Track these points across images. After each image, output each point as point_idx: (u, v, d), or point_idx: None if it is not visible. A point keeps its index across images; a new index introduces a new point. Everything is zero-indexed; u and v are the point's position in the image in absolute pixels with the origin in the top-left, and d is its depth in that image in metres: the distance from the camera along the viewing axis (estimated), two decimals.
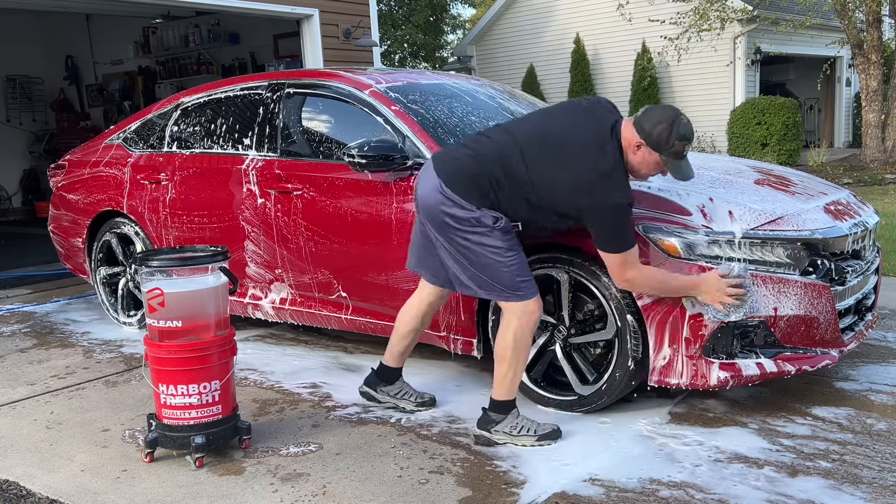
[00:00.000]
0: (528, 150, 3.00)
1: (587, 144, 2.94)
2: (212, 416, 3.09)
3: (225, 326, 3.14)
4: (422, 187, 3.12)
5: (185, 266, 3.05)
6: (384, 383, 3.57)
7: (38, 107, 12.79)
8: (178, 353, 3.04)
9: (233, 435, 3.18)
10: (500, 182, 3.00)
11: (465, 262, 3.07)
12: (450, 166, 3.08)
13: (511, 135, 3.08)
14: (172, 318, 3.03)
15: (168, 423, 3.11)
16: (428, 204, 3.09)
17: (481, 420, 3.19)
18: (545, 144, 2.99)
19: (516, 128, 3.13)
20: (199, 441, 3.05)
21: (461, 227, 3.03)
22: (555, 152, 2.97)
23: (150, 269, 3.03)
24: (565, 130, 3.01)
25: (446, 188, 3.03)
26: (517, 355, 3.09)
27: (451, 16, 28.48)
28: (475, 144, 3.12)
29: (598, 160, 2.91)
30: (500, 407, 3.16)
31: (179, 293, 3.02)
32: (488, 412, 3.18)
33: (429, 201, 3.08)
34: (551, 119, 3.12)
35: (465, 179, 3.03)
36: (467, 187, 3.01)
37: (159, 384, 3.08)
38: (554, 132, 3.03)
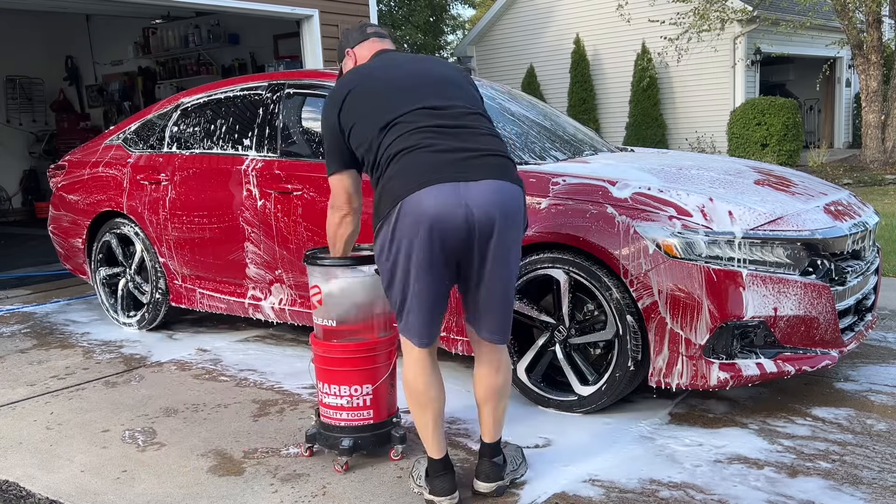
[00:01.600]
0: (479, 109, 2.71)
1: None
2: (361, 420, 3.03)
3: (384, 330, 3.05)
4: (484, 195, 2.46)
5: (333, 266, 2.99)
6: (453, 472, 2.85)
7: (38, 107, 12.79)
8: (331, 353, 3.02)
9: (385, 442, 3.08)
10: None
11: (512, 282, 2.63)
12: (505, 163, 2.56)
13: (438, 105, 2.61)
14: (327, 317, 3.02)
15: (323, 422, 3.09)
16: (507, 210, 2.50)
17: (489, 472, 2.76)
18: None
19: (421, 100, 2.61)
20: (345, 444, 3.00)
21: (519, 231, 2.61)
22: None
23: (311, 266, 3.02)
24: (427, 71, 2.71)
25: (520, 186, 2.58)
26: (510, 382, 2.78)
27: (450, 16, 28.46)
28: (472, 133, 2.59)
29: None
30: (498, 449, 2.80)
31: (334, 293, 2.99)
32: (492, 460, 2.77)
33: (509, 205, 2.50)
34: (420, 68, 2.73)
35: (514, 167, 2.61)
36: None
37: (318, 381, 3.07)
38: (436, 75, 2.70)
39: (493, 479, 2.75)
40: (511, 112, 4.46)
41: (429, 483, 2.71)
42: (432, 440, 2.69)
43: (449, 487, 2.68)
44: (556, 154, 4.10)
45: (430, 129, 2.52)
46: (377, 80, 2.67)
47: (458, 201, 2.42)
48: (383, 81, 2.66)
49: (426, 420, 2.68)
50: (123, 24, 11.41)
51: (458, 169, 2.45)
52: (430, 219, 2.41)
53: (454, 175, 2.44)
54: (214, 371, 4.30)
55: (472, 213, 2.42)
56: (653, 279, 3.16)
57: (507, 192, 2.49)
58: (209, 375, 4.23)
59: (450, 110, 2.59)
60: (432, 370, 2.68)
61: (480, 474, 2.77)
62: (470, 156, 2.49)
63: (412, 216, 2.42)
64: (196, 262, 4.79)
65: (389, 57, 2.79)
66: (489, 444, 2.76)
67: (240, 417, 3.61)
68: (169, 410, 3.74)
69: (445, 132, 2.53)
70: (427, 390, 2.66)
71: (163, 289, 5.01)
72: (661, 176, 3.57)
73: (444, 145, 2.49)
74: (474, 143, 2.53)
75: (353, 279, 2.99)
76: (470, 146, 2.52)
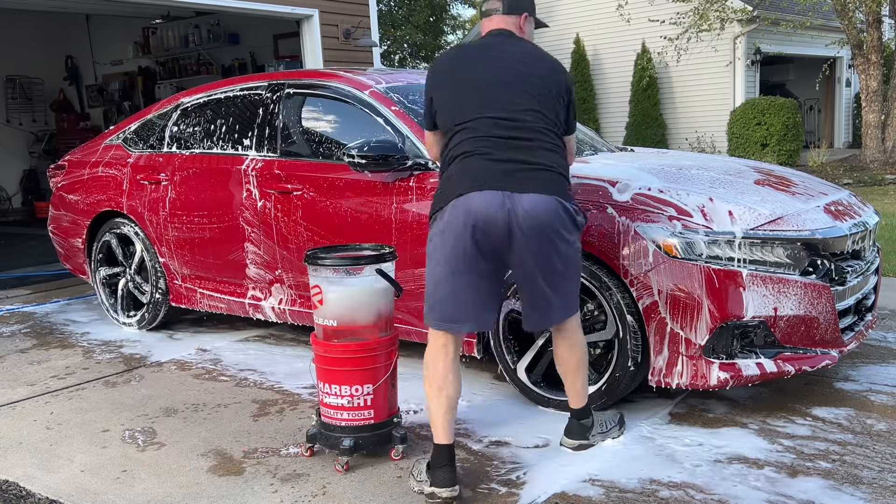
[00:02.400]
0: (542, 109, 2.84)
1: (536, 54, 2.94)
2: (362, 420, 3.03)
3: (384, 330, 3.07)
4: (527, 208, 2.68)
5: (334, 266, 2.99)
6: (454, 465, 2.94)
7: (38, 107, 12.79)
8: (331, 353, 3.02)
9: (386, 442, 3.08)
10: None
11: (570, 276, 2.85)
12: (549, 177, 2.76)
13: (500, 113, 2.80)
14: (328, 317, 3.02)
15: (324, 422, 3.09)
16: (544, 223, 2.70)
17: (575, 431, 3.10)
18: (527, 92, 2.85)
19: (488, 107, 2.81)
20: (346, 444, 3.00)
21: (568, 235, 2.80)
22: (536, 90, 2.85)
23: (311, 266, 3.02)
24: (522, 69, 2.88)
25: (560, 198, 2.75)
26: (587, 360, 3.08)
27: (450, 16, 28.47)
28: (521, 145, 2.78)
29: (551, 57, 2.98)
30: (586, 412, 3.11)
31: (335, 293, 2.99)
32: (579, 421, 3.09)
33: (545, 219, 2.70)
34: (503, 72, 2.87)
35: (564, 181, 2.82)
36: (567, 186, 2.83)
37: (319, 381, 3.07)
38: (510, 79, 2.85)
39: (576, 437, 3.09)
40: None
41: (430, 475, 2.77)
42: (441, 425, 2.80)
43: (450, 479, 2.74)
44: None
45: (491, 138, 2.76)
46: (460, 78, 2.89)
47: (502, 208, 2.67)
48: (463, 81, 2.87)
49: (438, 404, 2.81)
50: (123, 24, 11.41)
51: (508, 179, 2.70)
52: (475, 219, 2.67)
53: (504, 185, 2.69)
54: (214, 371, 4.30)
55: (512, 221, 2.67)
56: (653, 279, 3.16)
57: (549, 206, 2.70)
58: (209, 375, 4.24)
59: (513, 123, 2.78)
60: (453, 359, 2.84)
61: (566, 432, 3.11)
62: (521, 168, 2.72)
63: (461, 215, 2.69)
64: (196, 262, 4.79)
65: (485, 45, 2.95)
66: (573, 409, 3.10)
67: (240, 417, 3.61)
68: (169, 410, 3.74)
69: (504, 143, 2.76)
70: (445, 375, 2.81)
71: (163, 289, 5.01)
72: (662, 176, 3.57)
73: (500, 155, 2.74)
74: (529, 157, 2.75)
75: (355, 279, 2.99)
76: (523, 159, 2.74)
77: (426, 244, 2.84)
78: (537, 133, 2.79)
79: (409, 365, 4.16)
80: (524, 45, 2.95)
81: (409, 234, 3.77)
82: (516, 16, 2.99)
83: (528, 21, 3.03)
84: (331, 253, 3.11)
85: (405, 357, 4.22)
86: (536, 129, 2.80)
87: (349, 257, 3.07)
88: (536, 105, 2.82)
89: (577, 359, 3.00)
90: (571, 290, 2.88)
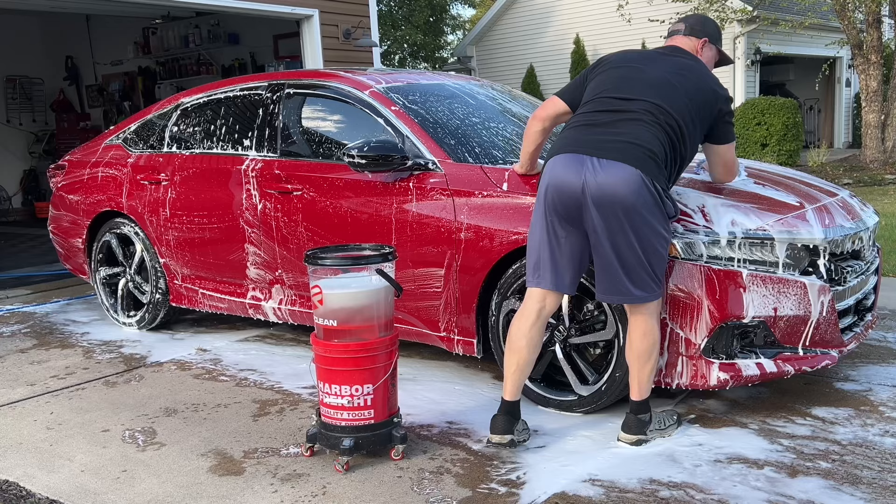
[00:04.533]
0: (669, 107, 2.96)
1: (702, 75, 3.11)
2: (362, 420, 3.03)
3: (384, 331, 3.06)
4: (604, 175, 2.81)
5: (334, 266, 3.00)
6: (516, 420, 3.14)
7: (38, 107, 12.79)
8: (331, 353, 3.02)
9: (386, 442, 3.08)
10: (668, 155, 2.95)
11: (643, 257, 2.89)
12: (635, 151, 2.85)
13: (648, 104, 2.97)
14: (328, 317, 3.02)
15: (324, 422, 3.09)
16: (619, 193, 2.80)
17: (633, 426, 3.11)
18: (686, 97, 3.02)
19: (641, 94, 2.99)
20: (346, 444, 3.00)
21: (649, 216, 2.86)
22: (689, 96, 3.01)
23: (311, 266, 3.02)
24: (686, 74, 3.06)
25: (644, 174, 2.82)
26: (658, 351, 3.09)
27: (450, 16, 28.46)
28: (630, 125, 2.93)
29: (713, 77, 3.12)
30: (645, 406, 3.13)
31: (335, 293, 2.99)
32: (637, 416, 3.11)
33: (621, 189, 2.80)
34: (665, 74, 3.05)
35: (653, 161, 2.88)
36: (657, 168, 2.89)
37: (319, 380, 3.07)
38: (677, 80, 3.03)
39: (633, 432, 3.11)
40: (512, 112, 4.46)
41: (491, 421, 3.09)
42: (508, 382, 3.10)
43: (502, 428, 3.06)
44: None
45: (600, 112, 2.99)
46: (611, 71, 3.10)
47: (579, 171, 2.85)
48: (612, 74, 3.09)
49: (509, 363, 3.09)
50: (123, 24, 11.41)
51: (594, 146, 2.88)
52: (555, 179, 2.91)
53: (589, 150, 2.87)
54: (214, 371, 4.31)
55: (587, 186, 2.84)
56: None
57: (627, 177, 2.81)
58: (209, 375, 4.24)
59: (630, 102, 2.96)
60: (532, 326, 3.05)
61: (623, 426, 3.13)
62: (611, 140, 2.88)
63: (547, 175, 2.95)
64: (196, 262, 4.79)
65: (653, 52, 3.19)
66: (634, 401, 3.11)
67: (240, 417, 3.61)
68: (169, 410, 3.74)
69: (608, 117, 2.95)
70: (519, 339, 3.06)
71: (163, 289, 5.01)
72: None
73: (598, 128, 2.94)
74: (624, 130, 2.90)
75: (355, 279, 2.99)
76: (618, 132, 2.90)
77: (429, 243, 2.90)
78: (647, 112, 2.93)
79: (409, 365, 4.16)
80: (692, 62, 3.09)
81: (409, 233, 3.77)
82: (696, 39, 3.21)
83: (708, 46, 3.22)
84: (331, 253, 3.11)
85: (405, 357, 4.22)
86: (650, 109, 2.93)
87: (349, 257, 3.07)
88: (665, 104, 2.94)
89: (646, 348, 3.02)
90: (643, 272, 2.90)
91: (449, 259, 3.65)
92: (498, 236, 3.49)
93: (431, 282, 3.74)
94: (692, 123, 3.00)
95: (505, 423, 3.08)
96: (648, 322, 3.00)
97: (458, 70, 19.04)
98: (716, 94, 3.05)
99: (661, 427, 3.16)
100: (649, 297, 2.95)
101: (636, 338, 3.03)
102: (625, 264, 2.88)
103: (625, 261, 2.88)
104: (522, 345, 3.05)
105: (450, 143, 3.86)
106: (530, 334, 3.05)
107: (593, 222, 2.86)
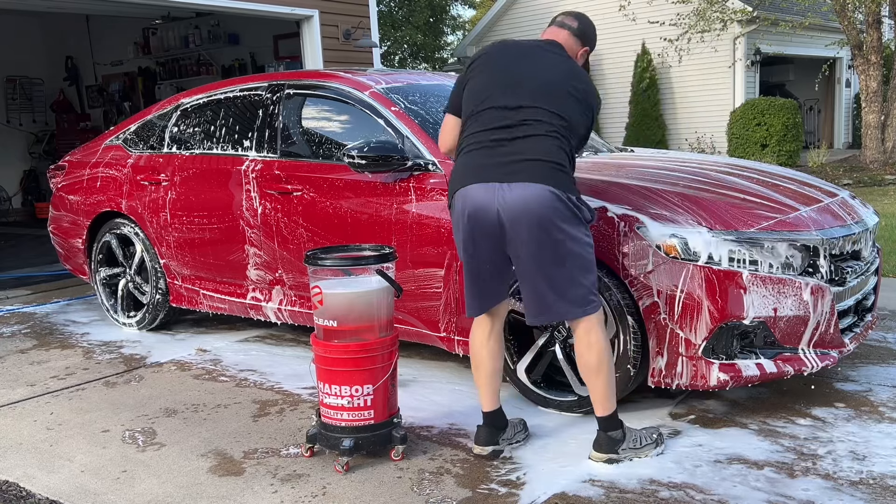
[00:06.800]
0: (556, 109, 2.88)
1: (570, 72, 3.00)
2: (362, 421, 3.03)
3: (384, 331, 3.06)
4: (514, 198, 2.76)
5: (334, 267, 3.00)
6: (500, 429, 3.13)
7: (38, 107, 12.80)
8: (331, 353, 3.02)
9: (386, 442, 3.08)
10: (569, 158, 2.88)
11: (570, 271, 2.81)
12: (541, 168, 2.78)
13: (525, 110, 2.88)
14: (328, 317, 3.01)
15: (324, 422, 3.09)
16: (532, 211, 2.75)
17: (603, 444, 2.96)
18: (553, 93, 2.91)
19: (513, 100, 2.90)
20: (346, 445, 3.00)
21: (567, 227, 2.79)
22: (562, 94, 2.92)
23: (311, 267, 3.03)
24: (550, 70, 2.97)
25: (553, 188, 2.76)
26: (611, 362, 2.96)
27: (450, 17, 28.47)
28: (522, 141, 2.84)
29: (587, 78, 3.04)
30: (613, 423, 2.98)
31: (335, 293, 2.99)
32: (606, 433, 2.97)
33: (533, 208, 2.74)
34: (536, 70, 2.96)
35: (561, 172, 2.81)
36: (566, 178, 2.82)
37: (319, 381, 3.07)
38: (551, 78, 2.94)
39: (604, 450, 2.98)
40: None
41: (476, 432, 3.11)
42: (483, 395, 3.10)
43: (484, 439, 3.07)
44: None
45: (492, 129, 2.88)
46: (488, 69, 2.99)
47: (492, 200, 2.79)
48: (487, 73, 2.98)
49: (477, 377, 3.11)
50: (123, 24, 11.41)
51: (501, 171, 2.80)
52: (471, 211, 2.84)
53: (496, 176, 2.80)
54: (214, 371, 4.31)
55: (501, 212, 2.78)
56: (653, 280, 3.16)
57: (537, 195, 2.75)
58: (209, 376, 4.24)
59: (518, 111, 2.87)
60: (488, 337, 3.06)
61: (594, 444, 3.01)
62: (515, 160, 2.80)
63: (461, 206, 2.88)
64: (196, 262, 4.79)
65: (521, 46, 3.06)
66: (600, 417, 2.99)
67: (240, 417, 3.61)
68: (169, 411, 3.74)
69: (503, 134, 2.86)
70: (479, 351, 3.08)
71: (163, 289, 5.01)
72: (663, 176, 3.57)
73: (498, 149, 2.84)
74: (524, 147, 2.82)
75: (355, 279, 2.99)
76: (518, 150, 2.82)
77: (429, 243, 2.88)
78: (539, 124, 2.84)
79: (409, 366, 4.16)
80: (565, 60, 3.00)
81: (408, 234, 3.77)
82: (579, 43, 3.11)
83: (584, 56, 3.14)
84: (331, 253, 3.11)
85: (405, 358, 4.22)
86: (540, 123, 2.84)
87: (349, 258, 3.07)
88: (553, 108, 2.87)
89: (594, 360, 2.90)
90: (573, 285, 2.82)
91: (449, 259, 3.65)
92: None
93: (431, 282, 3.74)
94: (577, 117, 2.91)
95: (487, 433, 3.07)
96: (592, 333, 2.88)
97: (458, 70, 19.03)
98: (590, 89, 2.97)
99: (637, 446, 2.98)
100: (587, 309, 2.86)
101: (583, 351, 2.92)
102: (552, 283, 2.81)
103: (552, 279, 2.81)
104: (484, 355, 3.07)
105: None
106: (489, 345, 3.06)
107: (515, 247, 2.81)
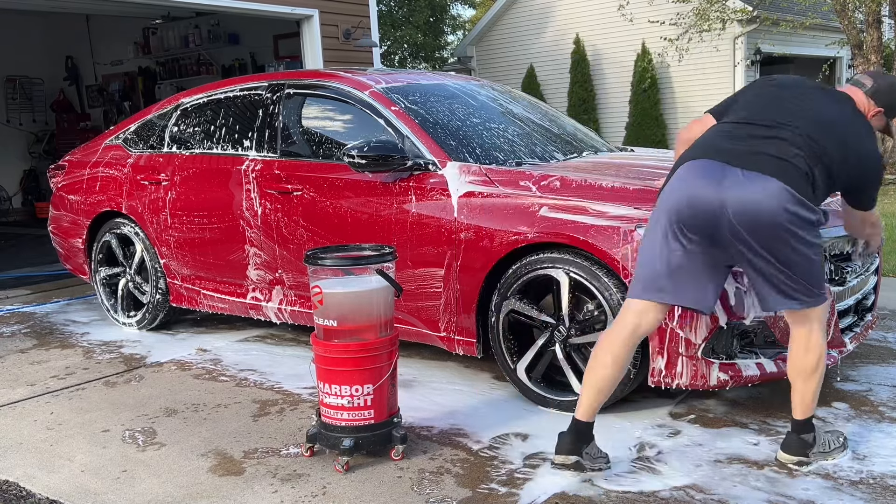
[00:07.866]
0: (820, 141, 2.71)
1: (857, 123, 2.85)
2: (362, 420, 3.03)
3: (384, 331, 3.06)
4: (749, 194, 2.59)
5: (334, 267, 3.00)
6: (586, 443, 2.92)
7: (38, 107, 12.80)
8: (331, 353, 3.02)
9: (386, 442, 3.08)
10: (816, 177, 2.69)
11: (792, 271, 2.67)
12: (786, 169, 2.62)
13: (791, 130, 2.72)
14: (328, 317, 3.02)
15: (324, 422, 3.09)
16: (763, 211, 2.58)
17: (794, 446, 2.90)
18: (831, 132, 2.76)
19: (789, 121, 2.74)
20: (346, 444, 3.00)
21: (802, 232, 2.62)
22: (841, 137, 2.75)
23: (311, 266, 3.02)
24: (835, 114, 2.81)
25: (789, 186, 2.59)
26: (824, 363, 2.84)
27: (450, 16, 28.47)
28: (777, 145, 2.68)
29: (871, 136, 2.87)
30: (808, 427, 2.90)
31: (335, 293, 2.99)
32: (799, 435, 2.90)
33: (765, 207, 2.57)
34: (817, 106, 2.81)
35: (803, 180, 2.64)
36: (806, 187, 2.65)
37: (319, 381, 3.07)
38: (829, 118, 2.79)
39: (794, 452, 2.90)
40: (512, 113, 4.47)
41: (557, 439, 2.92)
42: (582, 400, 2.88)
43: (567, 448, 2.87)
44: (556, 154, 4.11)
45: (748, 125, 2.75)
46: (778, 90, 2.87)
47: (718, 183, 2.60)
48: (778, 94, 2.85)
49: (587, 378, 2.86)
50: (123, 24, 11.41)
51: (738, 156, 2.64)
52: (687, 189, 2.65)
53: (731, 160, 2.63)
54: (214, 371, 4.31)
55: (727, 200, 2.58)
56: None
57: (773, 189, 2.57)
58: (209, 375, 4.24)
59: (773, 129, 2.71)
60: (624, 342, 2.81)
61: (783, 446, 2.93)
62: (757, 152, 2.64)
63: (677, 181, 2.69)
64: (196, 262, 4.79)
65: (822, 89, 2.90)
66: (796, 420, 2.90)
67: (240, 417, 3.61)
68: (169, 410, 3.74)
69: (749, 132, 2.72)
70: (604, 353, 2.82)
71: (163, 289, 5.01)
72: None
73: (738, 136, 2.70)
74: (767, 145, 2.66)
75: (355, 279, 2.99)
76: (761, 146, 2.66)
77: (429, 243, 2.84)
78: (793, 138, 2.67)
79: (409, 365, 4.16)
80: (856, 116, 2.83)
81: (408, 234, 3.77)
82: (873, 103, 2.89)
83: (878, 117, 2.91)
84: (331, 253, 3.11)
85: (405, 357, 4.23)
86: (800, 137, 2.67)
87: (349, 257, 3.07)
88: (818, 137, 2.69)
89: (810, 363, 2.80)
90: (803, 282, 2.68)
91: (449, 259, 3.65)
92: (498, 236, 3.49)
93: (431, 282, 3.74)
94: (833, 163, 2.73)
95: (570, 442, 2.87)
96: (812, 336, 2.78)
97: (458, 70, 19.04)
98: (871, 157, 2.79)
99: (826, 450, 2.91)
100: (805, 303, 2.72)
101: (799, 354, 2.81)
102: (790, 268, 2.65)
103: (786, 266, 2.65)
104: (608, 360, 2.80)
105: (450, 143, 3.86)
106: (617, 350, 2.80)
107: (740, 240, 2.61)
